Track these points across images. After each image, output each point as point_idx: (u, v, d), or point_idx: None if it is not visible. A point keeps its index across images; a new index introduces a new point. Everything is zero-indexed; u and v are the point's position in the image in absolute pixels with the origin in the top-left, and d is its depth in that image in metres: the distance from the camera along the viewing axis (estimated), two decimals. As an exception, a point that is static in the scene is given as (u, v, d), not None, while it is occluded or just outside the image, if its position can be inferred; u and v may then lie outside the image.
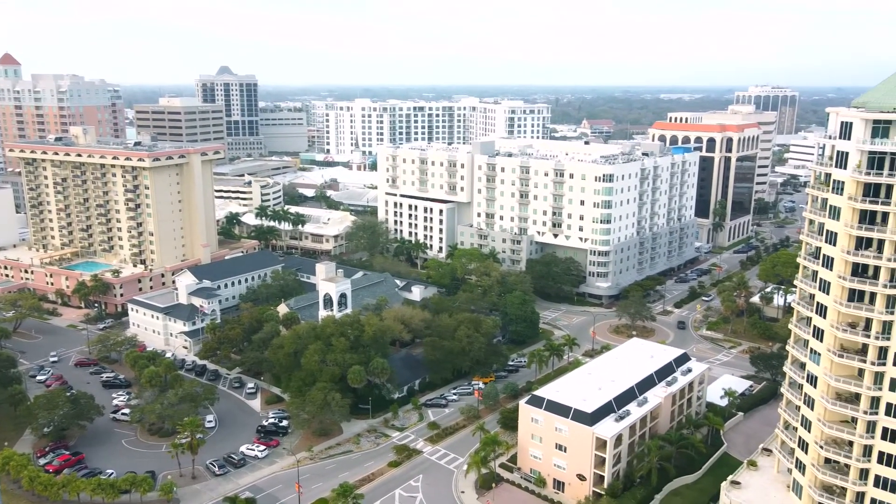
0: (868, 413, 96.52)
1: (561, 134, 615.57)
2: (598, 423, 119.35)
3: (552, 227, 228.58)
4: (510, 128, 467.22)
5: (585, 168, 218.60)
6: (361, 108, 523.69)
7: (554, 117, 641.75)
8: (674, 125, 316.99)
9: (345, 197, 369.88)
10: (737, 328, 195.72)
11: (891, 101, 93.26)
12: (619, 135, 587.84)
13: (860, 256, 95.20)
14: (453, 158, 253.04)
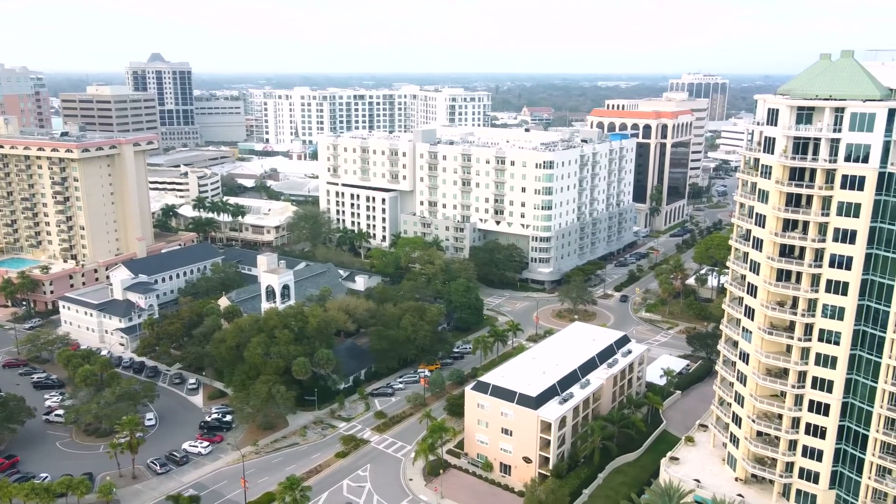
0: (796, 387, 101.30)
1: (501, 121, 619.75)
2: (543, 407, 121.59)
3: (494, 214, 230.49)
4: (451, 116, 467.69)
5: (526, 155, 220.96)
6: (301, 96, 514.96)
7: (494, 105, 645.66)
8: (611, 112, 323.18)
9: (285, 187, 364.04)
10: (674, 309, 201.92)
11: (814, 89, 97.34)
12: (559, 122, 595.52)
13: (787, 238, 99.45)
14: (395, 147, 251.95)
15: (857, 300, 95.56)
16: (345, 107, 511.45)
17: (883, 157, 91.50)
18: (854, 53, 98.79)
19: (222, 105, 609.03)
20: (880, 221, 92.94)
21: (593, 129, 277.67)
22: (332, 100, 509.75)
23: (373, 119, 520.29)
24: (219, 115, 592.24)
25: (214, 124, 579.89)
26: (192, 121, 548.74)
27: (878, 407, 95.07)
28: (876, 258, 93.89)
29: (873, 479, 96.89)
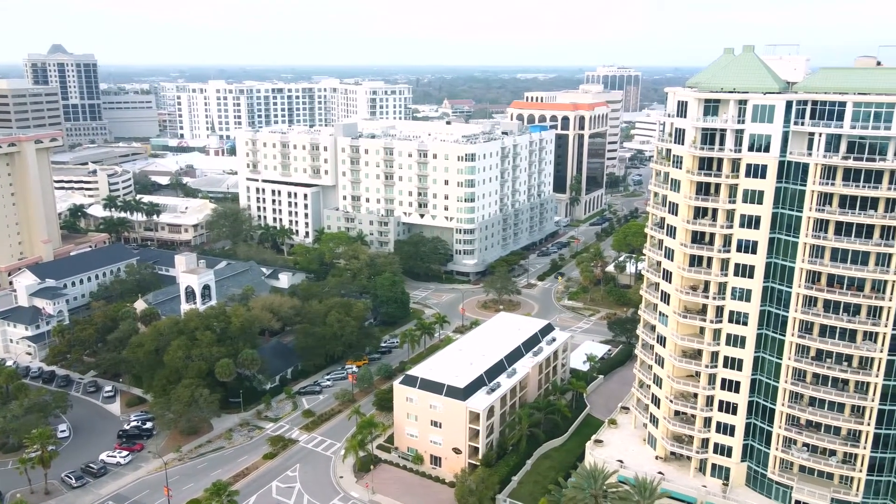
0: (709, 367, 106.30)
1: (423, 114, 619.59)
2: (471, 397, 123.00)
3: (418, 207, 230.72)
4: (372, 109, 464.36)
5: (448, 148, 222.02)
6: (216, 90, 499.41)
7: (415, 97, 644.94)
8: (530, 104, 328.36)
9: (203, 184, 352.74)
10: (595, 296, 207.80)
11: (719, 82, 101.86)
12: (480, 114, 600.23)
13: (698, 225, 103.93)
14: (316, 141, 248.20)
15: (763, 283, 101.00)
16: (263, 101, 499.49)
17: (783, 146, 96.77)
18: (755, 48, 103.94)
19: (132, 99, 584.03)
20: (781, 207, 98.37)
21: (514, 122, 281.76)
22: (250, 93, 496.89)
23: (292, 113, 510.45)
24: (129, 110, 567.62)
25: (124, 119, 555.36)
26: (99, 116, 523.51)
27: (783, 382, 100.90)
28: (778, 242, 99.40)
29: (780, 449, 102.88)
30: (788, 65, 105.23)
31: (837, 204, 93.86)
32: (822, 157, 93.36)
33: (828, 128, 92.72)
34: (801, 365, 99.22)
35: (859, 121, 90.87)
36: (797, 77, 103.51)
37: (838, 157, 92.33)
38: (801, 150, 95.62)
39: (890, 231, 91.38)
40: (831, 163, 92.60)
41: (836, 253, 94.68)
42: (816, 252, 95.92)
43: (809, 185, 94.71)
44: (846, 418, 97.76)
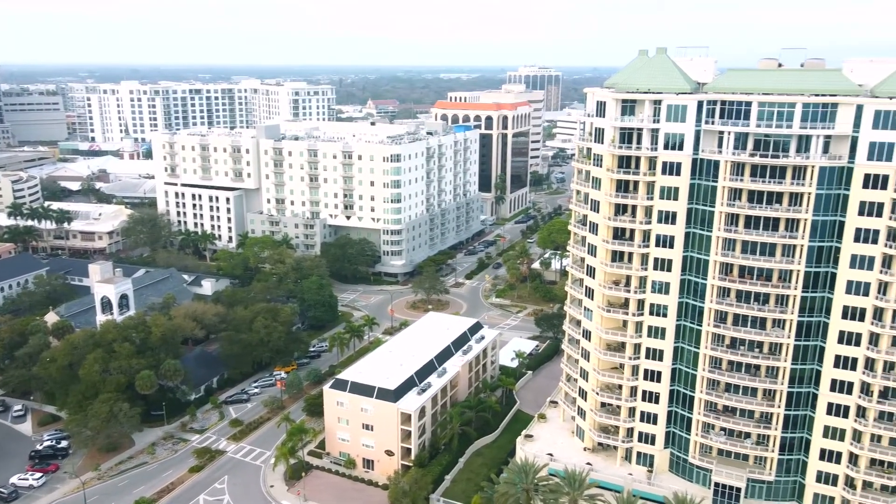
0: (632, 358, 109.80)
1: (347, 115, 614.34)
2: (402, 399, 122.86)
3: (344, 209, 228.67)
4: (295, 110, 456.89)
5: (373, 149, 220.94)
6: (129, 91, 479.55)
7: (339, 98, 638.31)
8: (454, 104, 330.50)
9: (118, 189, 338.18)
10: (522, 293, 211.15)
11: (635, 83, 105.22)
12: (404, 114, 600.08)
13: (618, 221, 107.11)
14: (237, 143, 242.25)
15: (680, 275, 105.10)
16: (180, 102, 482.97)
17: (695, 144, 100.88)
18: (667, 50, 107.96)
19: (37, 101, 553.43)
20: (695, 203, 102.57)
21: (438, 122, 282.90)
22: (166, 94, 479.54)
23: (212, 115, 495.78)
24: (34, 112, 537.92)
25: (29, 122, 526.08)
26: (0, 119, 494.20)
27: (701, 370, 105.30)
28: (693, 236, 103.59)
29: (699, 435, 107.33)
30: (698, 66, 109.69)
31: (746, 199, 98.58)
32: (731, 154, 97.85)
33: (736, 126, 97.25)
34: (716, 353, 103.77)
35: (764, 119, 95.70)
36: (707, 78, 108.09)
37: (746, 154, 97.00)
38: (712, 147, 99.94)
39: (794, 223, 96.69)
40: (739, 160, 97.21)
41: (746, 245, 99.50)
42: (728, 245, 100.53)
43: (720, 182, 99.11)
44: (759, 402, 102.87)
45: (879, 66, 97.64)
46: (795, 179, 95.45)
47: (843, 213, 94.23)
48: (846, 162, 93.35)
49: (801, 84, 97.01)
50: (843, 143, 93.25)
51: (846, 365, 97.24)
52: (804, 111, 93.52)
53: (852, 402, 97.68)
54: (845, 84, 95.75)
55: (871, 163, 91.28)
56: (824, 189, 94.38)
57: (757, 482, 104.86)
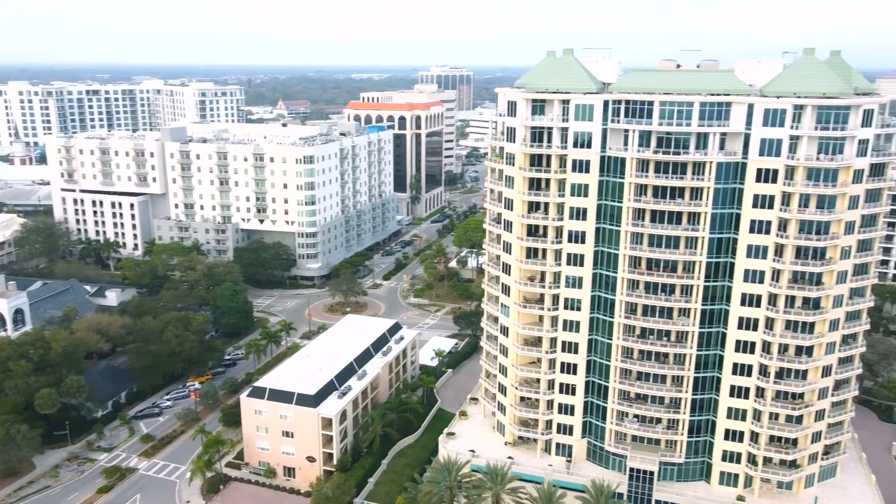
0: (549, 352, 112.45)
1: (257, 116, 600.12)
2: (323, 404, 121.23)
3: (257, 212, 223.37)
4: (202, 112, 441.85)
5: (285, 151, 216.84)
6: (19, 91, 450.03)
7: (248, 99, 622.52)
8: (367, 105, 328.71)
9: (8, 196, 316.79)
10: (440, 292, 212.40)
11: (544, 83, 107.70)
12: (316, 115, 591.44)
13: (532, 218, 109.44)
14: (141, 147, 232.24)
15: (592, 270, 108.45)
16: (76, 104, 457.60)
17: (602, 142, 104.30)
18: (574, 51, 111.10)
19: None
20: (604, 199, 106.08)
21: (351, 122, 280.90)
22: (60, 95, 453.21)
23: (112, 117, 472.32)
24: None
25: None
26: None
27: (614, 360, 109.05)
28: (604, 231, 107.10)
29: (614, 423, 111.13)
30: (603, 67, 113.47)
31: (651, 194, 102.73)
32: (636, 151, 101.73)
33: (639, 125, 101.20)
34: (628, 343, 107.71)
35: (665, 118, 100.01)
36: (611, 78, 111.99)
37: (650, 152, 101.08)
38: (619, 145, 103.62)
39: (695, 217, 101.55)
40: (644, 157, 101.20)
41: (653, 239, 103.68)
42: (636, 239, 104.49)
43: (627, 178, 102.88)
44: (668, 388, 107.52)
45: (766, 67, 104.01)
46: (696, 175, 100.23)
47: (739, 206, 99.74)
48: (740, 158, 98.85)
49: (698, 84, 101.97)
50: (737, 140, 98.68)
51: (745, 349, 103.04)
52: (701, 110, 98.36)
53: (752, 383, 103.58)
54: (737, 84, 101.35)
55: (763, 158, 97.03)
56: (722, 183, 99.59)
57: (669, 465, 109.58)
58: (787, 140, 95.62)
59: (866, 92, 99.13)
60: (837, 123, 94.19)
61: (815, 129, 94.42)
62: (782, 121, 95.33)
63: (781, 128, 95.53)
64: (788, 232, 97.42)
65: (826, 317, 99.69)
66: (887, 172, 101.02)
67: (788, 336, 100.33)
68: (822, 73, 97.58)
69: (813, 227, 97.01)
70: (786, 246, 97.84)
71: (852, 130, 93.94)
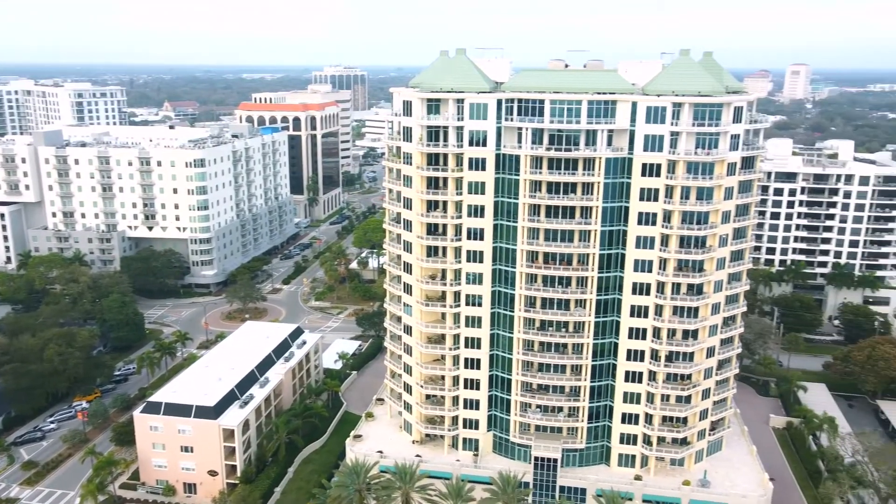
0: (452, 349, 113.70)
1: (142, 118, 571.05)
2: (224, 415, 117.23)
3: (145, 219, 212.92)
4: (79, 114, 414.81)
5: (174, 154, 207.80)
6: None
7: (131, 100, 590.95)
8: (260, 106, 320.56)
9: None
10: (341, 294, 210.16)
11: (438, 82, 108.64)
12: (206, 116, 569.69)
13: (431, 217, 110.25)
14: (10, 152, 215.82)
15: (492, 266, 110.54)
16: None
17: (497, 140, 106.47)
18: (466, 51, 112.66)
19: None
20: (500, 196, 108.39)
21: (243, 124, 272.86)
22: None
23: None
24: None
25: None
26: None
27: (516, 353, 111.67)
28: (502, 228, 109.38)
29: (518, 414, 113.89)
30: (495, 66, 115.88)
31: (546, 190, 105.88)
32: (529, 148, 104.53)
33: (532, 123, 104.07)
34: (528, 336, 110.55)
35: (556, 116, 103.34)
36: (503, 77, 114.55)
37: (543, 149, 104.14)
38: (513, 143, 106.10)
39: (587, 211, 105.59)
40: (537, 154, 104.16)
41: (549, 233, 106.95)
42: (532, 234, 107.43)
43: (522, 175, 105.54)
44: (568, 378, 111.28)
45: (647, 67, 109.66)
46: (586, 170, 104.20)
47: (627, 200, 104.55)
48: (627, 153, 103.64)
49: (585, 83, 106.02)
50: (624, 137, 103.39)
51: (638, 335, 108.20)
52: (589, 108, 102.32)
53: (645, 368, 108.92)
54: (621, 83, 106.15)
55: (647, 153, 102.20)
56: (611, 178, 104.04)
57: (571, 451, 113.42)
58: (668, 136, 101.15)
59: (736, 90, 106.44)
60: (712, 120, 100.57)
61: (692, 125, 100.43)
62: (663, 118, 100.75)
63: (662, 124, 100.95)
64: (672, 223, 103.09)
65: (708, 301, 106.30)
66: (756, 165, 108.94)
67: (676, 321, 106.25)
68: (697, 72, 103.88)
69: (694, 218, 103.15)
70: (670, 236, 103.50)
71: (725, 126, 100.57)
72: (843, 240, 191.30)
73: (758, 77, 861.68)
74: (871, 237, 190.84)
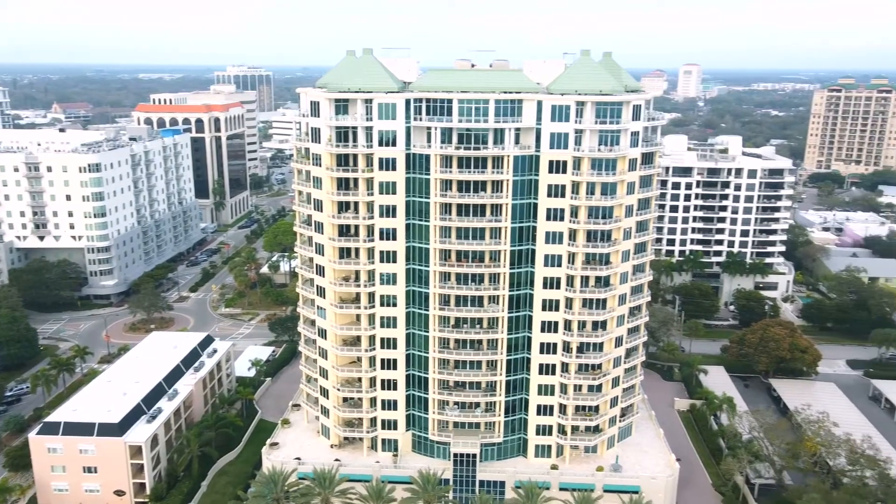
0: (368, 350, 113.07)
1: (28, 121, 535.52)
2: (130, 431, 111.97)
3: (35, 228, 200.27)
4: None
5: (66, 159, 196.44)
6: None
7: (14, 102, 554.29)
8: (159, 107, 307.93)
9: None
10: (253, 300, 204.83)
11: (346, 82, 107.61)
12: (100, 119, 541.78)
13: (342, 218, 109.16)
14: None
15: (405, 265, 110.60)
16: None
17: (407, 140, 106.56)
18: (373, 51, 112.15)
19: None
20: (412, 196, 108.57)
21: (142, 126, 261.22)
22: None
23: None
24: None
25: None
26: None
27: (432, 352, 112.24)
28: (414, 227, 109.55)
29: (436, 412, 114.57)
30: (403, 66, 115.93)
31: (456, 188, 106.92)
32: (439, 148, 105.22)
33: (440, 122, 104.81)
34: (444, 334, 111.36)
35: (464, 115, 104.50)
36: (411, 77, 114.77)
37: (452, 147, 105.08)
38: (423, 142, 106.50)
39: (498, 208, 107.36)
40: (447, 153, 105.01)
41: (461, 231, 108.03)
42: (445, 232, 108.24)
43: (433, 174, 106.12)
44: (484, 373, 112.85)
45: (551, 67, 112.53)
46: (495, 168, 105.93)
47: (536, 196, 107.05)
48: (534, 151, 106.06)
49: (492, 83, 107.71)
50: (530, 135, 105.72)
51: (550, 329, 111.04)
52: (496, 107, 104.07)
53: (557, 360, 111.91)
54: (527, 83, 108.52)
55: (553, 151, 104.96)
56: (519, 176, 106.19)
57: (489, 446, 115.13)
58: (572, 134, 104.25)
59: (634, 89, 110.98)
60: (613, 118, 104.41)
61: (595, 123, 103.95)
62: (567, 116, 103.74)
63: (567, 122, 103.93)
64: (579, 218, 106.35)
65: (615, 293, 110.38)
66: (656, 160, 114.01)
67: (586, 313, 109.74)
68: (597, 72, 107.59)
69: (599, 212, 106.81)
70: (578, 231, 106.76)
71: (626, 124, 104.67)
72: (736, 230, 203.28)
73: (654, 77, 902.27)
74: (759, 227, 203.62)
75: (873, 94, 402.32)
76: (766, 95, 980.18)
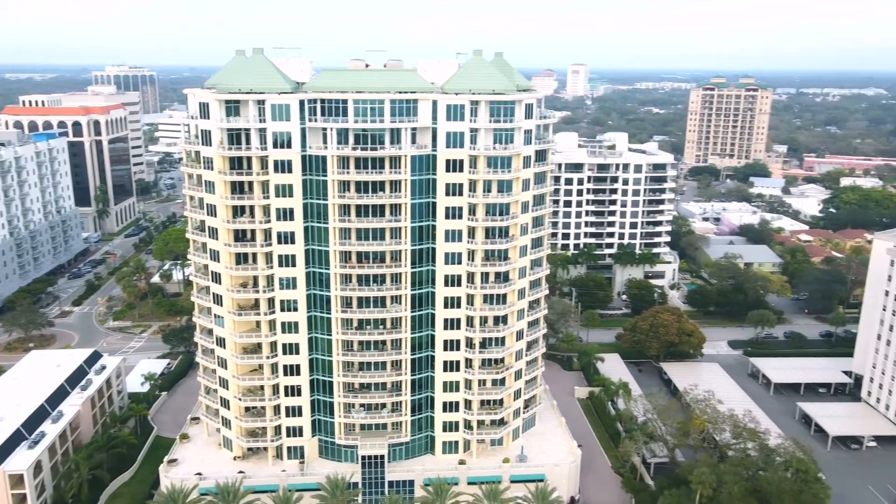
0: (270, 357, 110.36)
1: None
2: (10, 458, 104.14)
3: None
4: None
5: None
6: None
7: None
8: (30, 109, 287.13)
9: None
10: (144, 311, 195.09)
11: (236, 83, 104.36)
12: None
13: (238, 223, 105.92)
14: None
15: (305, 269, 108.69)
16: None
17: (302, 141, 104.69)
18: (264, 50, 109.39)
19: None
20: (310, 198, 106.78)
21: (11, 130, 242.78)
22: None
23: None
24: None
25: None
26: None
27: (336, 355, 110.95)
28: (313, 230, 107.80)
29: (343, 416, 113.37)
30: (295, 66, 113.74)
31: (354, 189, 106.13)
32: (336, 149, 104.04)
33: (336, 123, 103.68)
34: (347, 336, 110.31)
35: (360, 115, 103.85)
36: (305, 78, 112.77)
37: (349, 148, 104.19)
38: (319, 144, 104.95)
39: (397, 208, 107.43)
40: (344, 153, 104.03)
41: (360, 232, 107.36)
42: (344, 234, 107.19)
43: (330, 175, 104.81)
44: (389, 374, 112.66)
45: (445, 67, 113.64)
46: (393, 168, 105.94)
47: (434, 195, 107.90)
48: (431, 150, 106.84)
49: (387, 83, 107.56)
50: (427, 134, 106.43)
51: (453, 326, 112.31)
52: (392, 107, 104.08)
53: (461, 356, 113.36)
54: (421, 83, 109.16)
55: (449, 150, 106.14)
56: (417, 175, 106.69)
57: (397, 446, 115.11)
58: (468, 132, 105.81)
59: (526, 88, 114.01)
60: (506, 116, 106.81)
61: (489, 121, 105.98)
62: (462, 115, 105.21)
63: (462, 121, 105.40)
64: (477, 215, 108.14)
65: (515, 287, 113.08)
66: (548, 157, 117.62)
67: (487, 309, 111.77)
68: (490, 72, 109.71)
69: (497, 209, 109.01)
70: (476, 228, 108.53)
71: (519, 122, 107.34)
72: (625, 222, 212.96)
73: (544, 76, 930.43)
74: (646, 219, 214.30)
75: (742, 93, 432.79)
76: (648, 94, 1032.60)
